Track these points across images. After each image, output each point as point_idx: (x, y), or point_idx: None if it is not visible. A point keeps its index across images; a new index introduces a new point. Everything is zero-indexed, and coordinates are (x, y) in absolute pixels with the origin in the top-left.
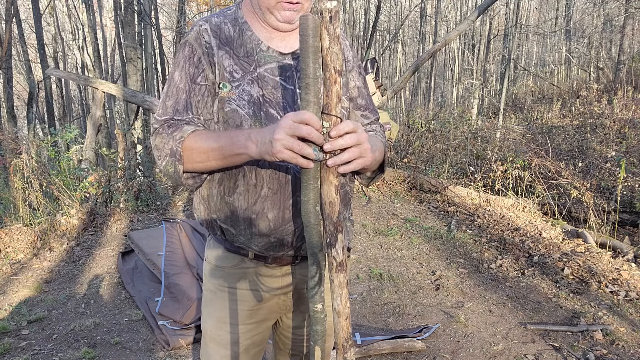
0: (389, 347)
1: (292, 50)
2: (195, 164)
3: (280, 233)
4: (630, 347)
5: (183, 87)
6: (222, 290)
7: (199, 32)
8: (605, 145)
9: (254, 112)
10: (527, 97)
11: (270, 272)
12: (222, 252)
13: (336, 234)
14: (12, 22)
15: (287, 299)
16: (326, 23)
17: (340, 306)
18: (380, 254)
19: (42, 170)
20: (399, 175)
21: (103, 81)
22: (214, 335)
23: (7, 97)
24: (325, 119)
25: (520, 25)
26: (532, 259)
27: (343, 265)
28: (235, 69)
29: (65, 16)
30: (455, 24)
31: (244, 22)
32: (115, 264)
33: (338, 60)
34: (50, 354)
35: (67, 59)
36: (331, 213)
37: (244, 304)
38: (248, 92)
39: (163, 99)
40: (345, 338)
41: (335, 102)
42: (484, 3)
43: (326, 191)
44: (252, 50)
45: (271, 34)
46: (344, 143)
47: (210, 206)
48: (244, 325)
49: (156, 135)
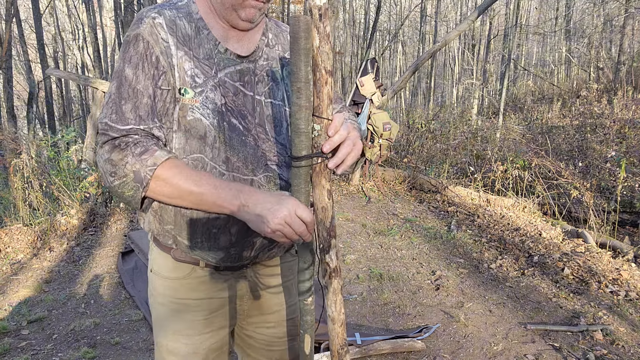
0: (389, 347)
1: (248, 52)
2: (162, 197)
3: (241, 246)
4: (630, 347)
5: (142, 89)
6: (175, 302)
7: (153, 25)
8: (605, 145)
9: (218, 122)
10: (527, 97)
11: (222, 279)
12: (171, 263)
13: (329, 240)
14: (12, 22)
15: (242, 304)
16: (316, 21)
17: (334, 312)
18: (380, 254)
19: (42, 170)
20: (399, 175)
21: (103, 81)
22: (170, 347)
23: (7, 97)
24: (317, 122)
25: (520, 25)
26: (532, 259)
27: (337, 271)
28: (197, 72)
29: (65, 16)
30: (455, 24)
31: (199, 18)
32: (115, 264)
33: (329, 60)
34: (50, 354)
35: (67, 59)
36: (324, 218)
37: (198, 314)
38: (212, 99)
39: (116, 101)
40: (341, 345)
41: (327, 103)
42: (484, 3)
43: (318, 196)
44: (210, 51)
45: (228, 32)
46: (340, 138)
47: (163, 218)
48: (200, 335)
49: (113, 149)
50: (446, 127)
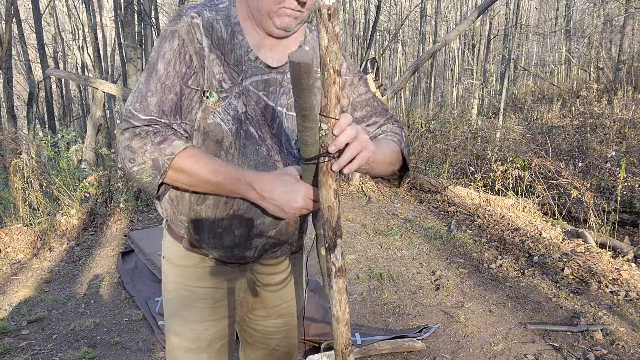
0: (389, 347)
1: (279, 64)
2: (179, 184)
3: (244, 247)
4: (630, 347)
5: (171, 85)
6: (184, 289)
7: (190, 24)
8: (605, 145)
9: (236, 130)
10: (527, 97)
11: (229, 271)
12: (182, 252)
13: (335, 239)
14: (12, 22)
15: (247, 297)
16: (325, 21)
17: (339, 312)
18: (380, 254)
19: (42, 170)
20: None
21: (103, 81)
22: (177, 331)
23: (7, 97)
24: (324, 121)
25: (520, 25)
26: (532, 259)
27: (343, 270)
28: (225, 78)
29: (65, 16)
30: (455, 24)
31: (237, 22)
32: (115, 264)
33: (337, 59)
34: (50, 354)
35: (67, 59)
36: (330, 217)
37: (204, 302)
38: (234, 106)
39: (143, 92)
40: (345, 344)
41: (334, 103)
42: (484, 3)
43: (325, 195)
44: (240, 58)
45: (262, 40)
46: (347, 138)
47: (178, 208)
48: (206, 322)
49: (134, 137)
50: (446, 127)
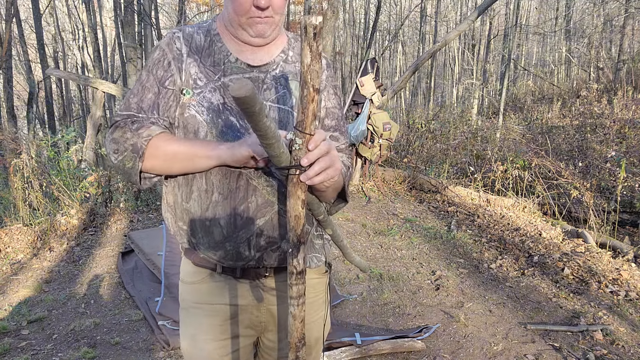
0: (389, 347)
1: (261, 63)
2: (156, 163)
3: (234, 240)
4: (630, 347)
5: (150, 86)
6: (194, 307)
7: (171, 37)
8: (605, 145)
9: (211, 119)
10: (527, 97)
11: (239, 287)
12: (191, 268)
13: (299, 245)
14: (12, 22)
15: (261, 315)
16: (309, 39)
17: (296, 310)
18: (380, 254)
19: (42, 170)
20: (399, 175)
21: (103, 81)
22: (189, 352)
23: (7, 97)
24: (299, 136)
25: (520, 25)
26: (532, 259)
27: (302, 274)
28: (200, 76)
29: (65, 16)
30: (455, 24)
31: (216, 34)
32: (115, 264)
33: (318, 78)
34: (50, 354)
35: (67, 59)
36: (296, 226)
37: (214, 319)
38: (208, 99)
39: (127, 96)
40: (299, 338)
41: (311, 119)
42: (484, 3)
43: (293, 205)
44: (219, 60)
45: (242, 47)
46: (319, 153)
47: (176, 213)
48: (217, 341)
49: (115, 129)
50: (446, 127)
